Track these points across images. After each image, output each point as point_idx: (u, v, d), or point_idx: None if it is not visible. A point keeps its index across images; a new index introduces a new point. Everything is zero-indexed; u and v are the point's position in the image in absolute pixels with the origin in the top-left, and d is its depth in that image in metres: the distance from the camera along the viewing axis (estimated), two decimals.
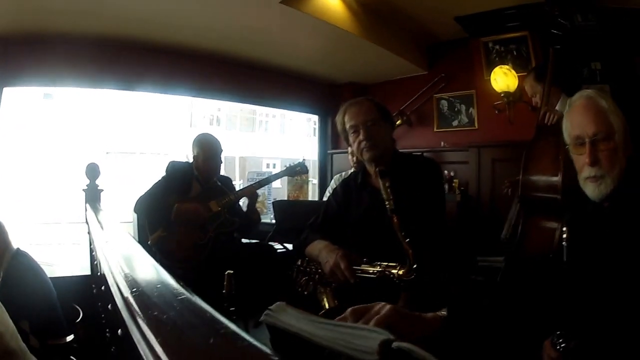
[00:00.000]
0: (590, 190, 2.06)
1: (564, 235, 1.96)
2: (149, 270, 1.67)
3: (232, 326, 0.87)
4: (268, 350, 0.75)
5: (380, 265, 2.40)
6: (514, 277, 3.70)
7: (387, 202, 2.25)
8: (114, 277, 1.57)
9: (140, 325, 0.98)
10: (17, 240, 3.10)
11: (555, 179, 3.58)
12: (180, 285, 1.26)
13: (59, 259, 5.62)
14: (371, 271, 2.42)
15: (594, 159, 2.01)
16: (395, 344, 1.07)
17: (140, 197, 4.38)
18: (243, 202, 4.84)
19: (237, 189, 4.82)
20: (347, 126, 2.93)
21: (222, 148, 4.61)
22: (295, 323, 1.28)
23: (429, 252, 2.43)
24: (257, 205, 4.82)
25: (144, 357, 0.87)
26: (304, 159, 5.04)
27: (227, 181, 4.83)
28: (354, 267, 2.48)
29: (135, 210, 4.42)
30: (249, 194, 4.68)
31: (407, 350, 1.05)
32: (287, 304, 1.39)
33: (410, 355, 1.04)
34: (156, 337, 0.86)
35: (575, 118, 2.13)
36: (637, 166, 2.08)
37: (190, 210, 4.30)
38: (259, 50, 6.78)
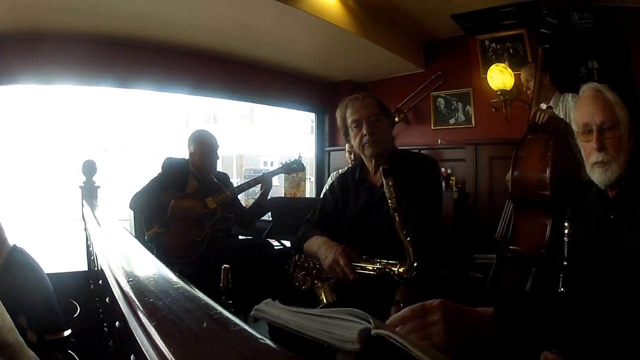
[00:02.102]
0: (597, 175, 2.14)
1: (566, 231, 1.98)
2: (146, 261, 1.68)
3: (225, 312, 0.89)
4: (258, 335, 0.77)
5: (380, 262, 2.37)
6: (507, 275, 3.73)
7: (389, 201, 2.23)
8: (111, 269, 1.58)
9: (136, 311, 1.00)
10: (14, 237, 3.11)
11: (544, 175, 3.62)
12: (176, 275, 1.28)
13: (56, 255, 5.63)
14: (370, 268, 2.38)
15: (600, 145, 2.11)
16: (374, 331, 1.08)
17: (136, 193, 4.37)
18: (248, 195, 4.85)
19: (234, 186, 4.82)
20: (349, 121, 2.91)
21: (219, 144, 4.61)
22: (282, 315, 1.30)
23: (428, 249, 2.42)
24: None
25: (140, 341, 0.89)
26: (300, 157, 5.05)
27: (225, 177, 4.83)
28: (353, 264, 2.45)
29: (131, 206, 4.41)
30: (263, 181, 4.70)
31: (385, 335, 1.06)
32: (273, 300, 1.41)
33: (388, 341, 1.06)
34: (151, 321, 0.88)
35: (583, 108, 2.22)
36: (639, 160, 2.16)
37: (186, 207, 4.31)
38: (255, 48, 6.80)
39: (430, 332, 1.36)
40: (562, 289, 1.96)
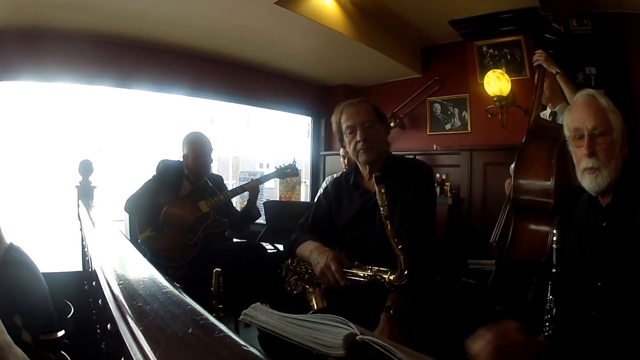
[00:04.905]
0: (587, 181, 2.16)
1: (555, 238, 2.00)
2: (138, 265, 1.70)
3: (211, 317, 0.91)
4: (241, 341, 0.78)
5: (371, 269, 2.37)
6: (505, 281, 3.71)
7: (381, 209, 2.24)
8: (103, 272, 1.60)
9: (125, 315, 1.02)
10: (10, 235, 3.11)
11: (547, 183, 3.57)
12: (167, 280, 1.30)
13: (51, 254, 5.62)
14: (361, 275, 2.38)
15: (591, 150, 2.12)
16: (359, 337, 1.09)
17: (130, 196, 4.40)
18: (243, 197, 4.85)
19: (229, 188, 4.83)
20: (344, 126, 2.90)
21: (213, 147, 4.63)
22: (269, 321, 1.32)
23: (419, 256, 2.43)
24: None
25: (128, 345, 0.90)
26: (294, 161, 5.06)
27: (219, 180, 4.85)
28: (345, 270, 2.44)
29: (125, 209, 4.45)
30: (250, 188, 4.70)
31: (370, 341, 1.08)
32: (261, 304, 1.43)
33: (373, 346, 1.07)
34: (139, 326, 0.90)
35: (576, 113, 2.24)
36: (633, 167, 2.18)
37: (176, 216, 4.32)
38: (253, 50, 6.81)
39: None
40: (550, 296, 1.97)
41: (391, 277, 2.27)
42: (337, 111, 2.97)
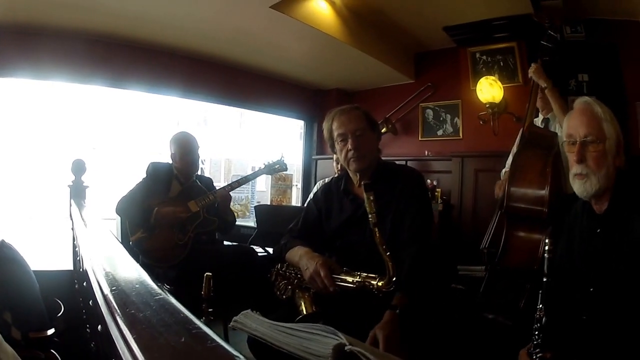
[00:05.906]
0: (577, 186, 2.22)
1: (547, 247, 2.02)
2: (129, 269, 1.70)
3: (203, 326, 0.92)
4: (234, 351, 0.80)
5: (360, 275, 2.38)
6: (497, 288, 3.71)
7: (370, 216, 2.25)
8: (95, 274, 1.61)
9: (117, 321, 1.03)
10: (2, 233, 3.12)
11: (542, 192, 3.58)
12: (158, 285, 1.31)
13: (43, 252, 5.62)
14: (350, 281, 2.39)
15: (580, 157, 2.19)
16: (347, 347, 1.11)
17: (121, 198, 4.42)
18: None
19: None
20: (335, 134, 2.88)
21: (199, 144, 4.65)
22: (259, 328, 1.33)
23: (423, 264, 2.45)
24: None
25: (121, 352, 0.92)
26: (282, 157, 5.07)
27: (208, 182, 4.86)
28: (334, 276, 2.45)
29: (117, 211, 4.45)
30: (220, 197, 4.63)
31: (358, 353, 1.09)
32: (252, 311, 1.44)
33: (361, 357, 1.09)
34: (132, 333, 0.91)
35: (572, 119, 2.29)
36: (627, 177, 2.22)
37: (168, 214, 4.32)
38: (247, 53, 6.82)
39: None
40: (540, 305, 1.99)
41: (380, 284, 2.29)
42: (329, 118, 2.95)
